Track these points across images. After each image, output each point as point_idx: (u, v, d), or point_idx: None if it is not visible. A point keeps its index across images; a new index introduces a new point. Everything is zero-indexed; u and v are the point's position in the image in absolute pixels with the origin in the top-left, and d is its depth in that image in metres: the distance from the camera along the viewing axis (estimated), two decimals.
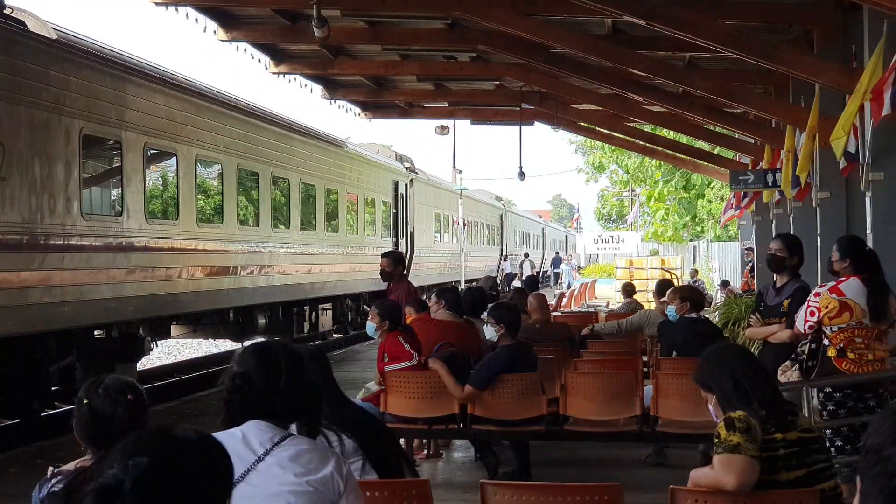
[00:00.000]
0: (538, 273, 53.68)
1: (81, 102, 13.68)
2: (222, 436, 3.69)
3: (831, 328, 7.94)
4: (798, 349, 8.25)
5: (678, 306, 11.27)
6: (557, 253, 75.68)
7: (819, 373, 8.00)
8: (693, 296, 11.65)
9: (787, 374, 8.23)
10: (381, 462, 5.34)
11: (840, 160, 11.69)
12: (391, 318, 10.30)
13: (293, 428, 3.95)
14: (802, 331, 8.14)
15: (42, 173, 12.78)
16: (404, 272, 14.59)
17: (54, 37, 13.38)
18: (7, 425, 14.39)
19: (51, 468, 4.47)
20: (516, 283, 39.63)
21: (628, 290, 21.18)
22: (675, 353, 10.80)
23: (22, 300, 12.43)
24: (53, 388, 14.74)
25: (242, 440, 3.76)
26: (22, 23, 12.87)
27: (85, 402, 4.42)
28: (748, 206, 23.87)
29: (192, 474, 2.36)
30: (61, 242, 13.16)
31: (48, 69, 13.02)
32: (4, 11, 12.64)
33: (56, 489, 4.31)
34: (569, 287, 44.94)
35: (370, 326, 10.52)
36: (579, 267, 65.17)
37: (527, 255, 56.05)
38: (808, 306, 8.13)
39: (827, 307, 7.95)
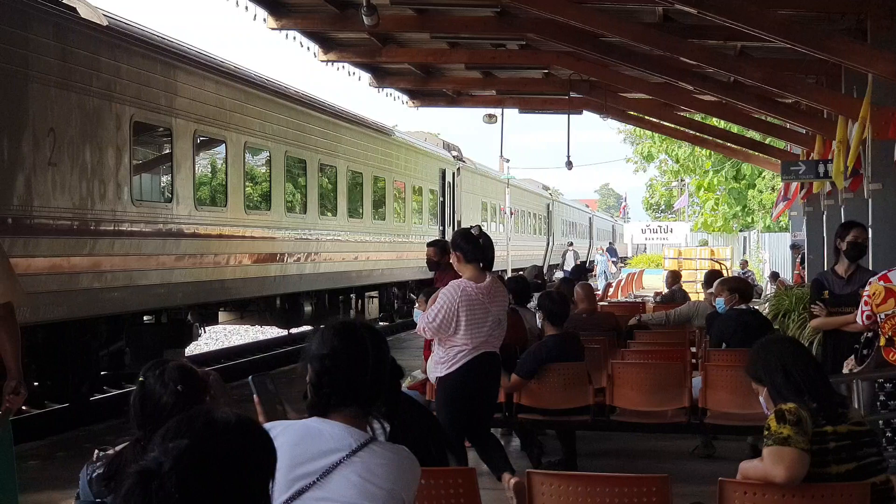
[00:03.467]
0: (583, 263, 53.05)
1: (132, 89, 13.76)
2: (299, 428, 3.60)
3: (880, 316, 7.88)
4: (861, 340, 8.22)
5: (727, 298, 11.18)
6: (611, 243, 74.80)
7: (872, 362, 7.93)
8: (741, 287, 11.55)
9: (850, 366, 8.17)
10: (420, 452, 5.30)
11: None
12: None
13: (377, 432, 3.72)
14: (861, 323, 8.10)
15: (93, 159, 12.87)
16: (451, 261, 14.55)
17: (105, 23, 13.45)
18: (56, 409, 14.53)
19: (97, 451, 4.50)
20: (559, 274, 39.30)
21: (673, 277, 21.09)
22: (724, 344, 10.71)
23: (73, 285, 12.53)
24: (103, 373, 14.87)
25: (318, 441, 3.56)
26: (73, 9, 12.95)
27: (141, 379, 4.44)
28: (805, 197, 23.67)
29: (232, 457, 2.37)
30: (112, 228, 13.25)
31: (99, 56, 13.09)
32: None
33: (101, 472, 4.34)
34: (606, 281, 43.75)
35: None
36: (623, 259, 63.97)
37: (570, 244, 53.71)
38: (863, 296, 8.10)
39: (874, 294, 7.91)
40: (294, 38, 17.97)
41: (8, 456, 6.36)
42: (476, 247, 8.35)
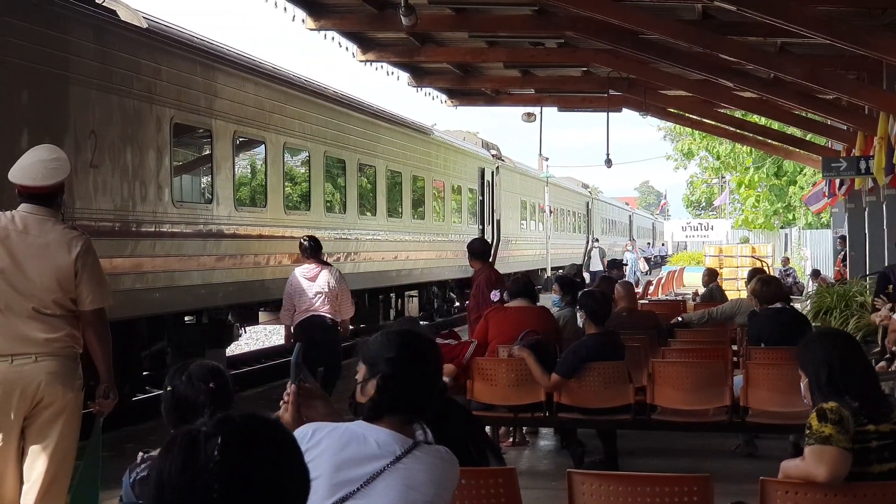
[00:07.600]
0: (616, 260, 52.08)
1: (172, 91, 13.83)
2: (343, 432, 3.58)
3: None
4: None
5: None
6: (648, 244, 74.25)
7: None
8: (758, 290, 11.18)
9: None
10: (461, 452, 5.30)
11: None
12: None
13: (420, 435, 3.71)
14: None
15: (133, 161, 12.95)
16: (489, 259, 14.56)
17: (145, 26, 13.53)
18: None
19: (140, 453, 4.53)
20: (584, 274, 38.77)
21: (709, 275, 20.93)
22: (762, 343, 10.63)
23: (114, 286, 12.55)
24: (145, 373, 14.95)
25: (363, 447, 3.54)
26: (113, 12, 13.04)
27: (169, 388, 4.48)
28: (846, 193, 23.51)
29: (271, 445, 2.30)
30: (153, 229, 13.33)
31: (139, 58, 13.17)
32: (96, 0, 12.80)
33: (144, 474, 4.37)
34: (636, 281, 43.08)
35: None
36: (663, 257, 63.41)
37: (596, 241, 51.49)
38: None
39: None
40: (332, 38, 18.01)
41: (96, 459, 6.43)
42: (302, 249, 12.97)
